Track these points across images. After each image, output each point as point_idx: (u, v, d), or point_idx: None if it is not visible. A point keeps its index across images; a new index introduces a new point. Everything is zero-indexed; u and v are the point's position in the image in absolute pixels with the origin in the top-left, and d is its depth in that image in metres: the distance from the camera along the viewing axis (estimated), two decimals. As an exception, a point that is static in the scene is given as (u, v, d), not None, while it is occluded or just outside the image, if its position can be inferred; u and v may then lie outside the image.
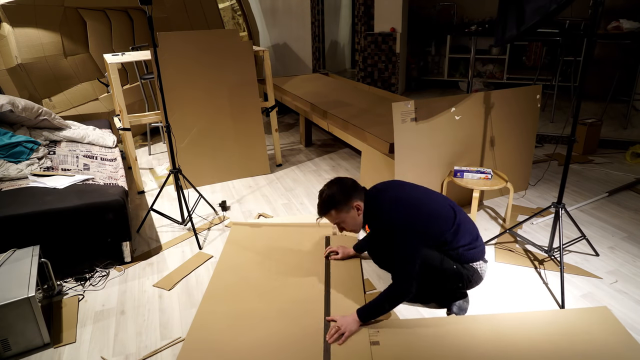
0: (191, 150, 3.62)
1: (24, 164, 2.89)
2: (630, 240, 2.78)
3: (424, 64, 7.10)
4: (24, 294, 1.94)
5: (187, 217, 3.00)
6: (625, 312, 2.16)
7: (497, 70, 6.59)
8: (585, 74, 2.17)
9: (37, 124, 3.36)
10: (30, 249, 2.29)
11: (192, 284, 2.48)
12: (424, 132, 2.90)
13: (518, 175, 3.39)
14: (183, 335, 2.10)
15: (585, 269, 2.51)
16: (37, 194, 2.54)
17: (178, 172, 2.94)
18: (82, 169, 3.04)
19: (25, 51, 4.00)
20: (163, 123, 2.85)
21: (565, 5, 2.10)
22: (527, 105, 3.19)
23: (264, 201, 3.45)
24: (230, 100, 3.68)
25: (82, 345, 2.06)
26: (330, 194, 2.03)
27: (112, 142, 3.63)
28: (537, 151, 4.35)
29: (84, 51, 4.39)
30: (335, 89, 4.78)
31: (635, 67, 5.36)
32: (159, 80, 2.70)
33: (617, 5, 5.52)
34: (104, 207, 2.48)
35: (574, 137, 2.27)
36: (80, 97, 4.41)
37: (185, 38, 3.41)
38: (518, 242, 2.80)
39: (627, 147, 4.17)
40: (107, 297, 2.39)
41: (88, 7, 4.34)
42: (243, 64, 3.66)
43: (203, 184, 3.75)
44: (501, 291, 2.34)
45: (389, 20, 6.02)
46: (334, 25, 7.63)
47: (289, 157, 4.42)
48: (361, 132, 3.35)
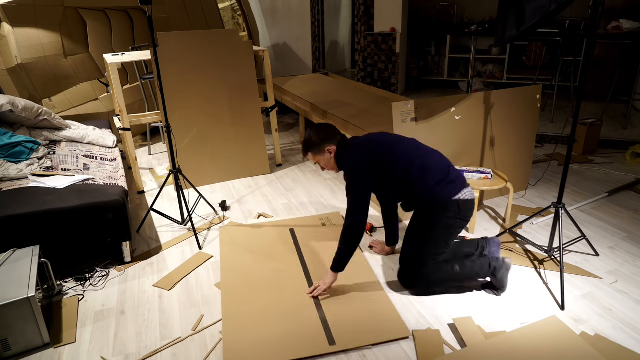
0: (191, 150, 3.62)
1: (24, 164, 2.89)
2: (630, 240, 2.78)
3: (424, 64, 7.10)
4: (24, 294, 1.94)
5: (187, 217, 3.00)
6: (625, 312, 2.16)
7: (497, 70, 6.59)
8: (585, 74, 2.17)
9: (37, 124, 3.36)
10: (30, 249, 2.29)
11: (192, 284, 2.48)
12: (424, 132, 2.90)
13: (518, 175, 3.39)
14: (183, 335, 2.10)
15: (585, 269, 2.51)
16: (37, 194, 2.54)
17: (178, 172, 2.94)
18: (82, 169, 3.04)
19: (25, 51, 4.00)
20: (163, 123, 2.85)
21: (565, 5, 2.10)
22: (527, 105, 3.18)
23: (263, 201, 3.45)
24: (230, 100, 3.68)
25: (82, 345, 2.06)
26: (307, 137, 2.29)
27: (112, 142, 3.63)
28: (537, 151, 4.35)
29: (84, 51, 4.39)
30: (335, 89, 4.78)
31: (635, 67, 5.36)
32: (159, 80, 2.70)
33: (617, 5, 5.52)
34: (104, 207, 2.48)
35: (574, 137, 2.27)
36: (80, 97, 4.41)
37: (185, 38, 3.41)
38: (518, 242, 2.80)
39: (627, 147, 4.17)
40: (107, 297, 2.39)
41: (88, 7, 4.34)
42: (243, 64, 3.66)
43: (203, 184, 3.75)
44: (501, 291, 2.34)
45: (389, 20, 6.02)
46: (334, 25, 7.63)
47: (289, 157, 4.42)
48: (361, 132, 3.35)
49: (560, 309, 2.19)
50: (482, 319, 2.14)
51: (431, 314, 2.19)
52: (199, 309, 2.28)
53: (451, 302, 2.26)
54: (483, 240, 2.45)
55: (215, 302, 2.33)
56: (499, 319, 2.14)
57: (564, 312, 2.18)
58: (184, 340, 2.07)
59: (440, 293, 2.31)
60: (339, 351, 1.96)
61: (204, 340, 2.07)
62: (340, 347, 1.96)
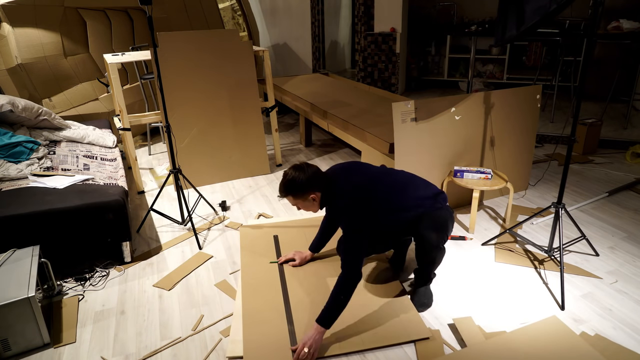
0: (191, 150, 3.62)
1: (24, 164, 2.89)
2: (630, 240, 2.78)
3: (424, 64, 7.09)
4: (24, 294, 1.94)
5: (187, 217, 3.00)
6: (626, 312, 2.16)
7: (497, 70, 6.59)
8: (585, 74, 2.17)
9: (37, 124, 3.36)
10: (30, 249, 2.29)
11: (192, 284, 2.48)
12: (424, 132, 2.90)
13: (518, 175, 3.39)
14: (183, 335, 2.10)
15: (585, 269, 2.51)
16: (37, 194, 2.54)
17: (178, 172, 2.94)
18: (82, 169, 3.04)
19: (25, 51, 4.00)
20: (163, 123, 2.85)
21: (566, 5, 2.10)
22: (527, 106, 3.18)
23: (263, 201, 3.45)
24: (230, 100, 3.68)
25: (82, 345, 2.06)
26: (291, 179, 2.11)
27: (112, 142, 3.63)
28: (537, 151, 4.35)
29: (84, 51, 4.39)
30: (335, 89, 4.78)
31: (635, 67, 5.36)
32: (159, 81, 2.70)
33: (617, 5, 5.52)
34: (104, 207, 2.48)
35: (574, 137, 2.27)
36: (80, 97, 4.41)
37: (185, 38, 3.41)
38: (518, 242, 2.80)
39: (627, 147, 4.17)
40: (107, 297, 2.39)
41: (88, 7, 4.34)
42: (243, 64, 3.66)
43: (203, 184, 3.75)
44: (501, 292, 2.34)
45: (389, 20, 6.02)
46: (334, 25, 7.63)
47: (289, 157, 4.42)
48: (361, 132, 3.35)
49: (560, 309, 2.19)
50: (482, 319, 2.14)
51: (431, 314, 2.19)
52: (199, 309, 2.28)
53: (451, 302, 2.26)
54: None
55: (215, 302, 2.33)
56: (499, 319, 2.14)
57: (564, 312, 2.18)
58: (184, 340, 2.07)
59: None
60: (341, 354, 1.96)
61: (203, 340, 2.07)
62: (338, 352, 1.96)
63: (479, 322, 2.12)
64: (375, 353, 1.96)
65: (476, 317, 2.15)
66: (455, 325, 2.08)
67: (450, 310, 2.21)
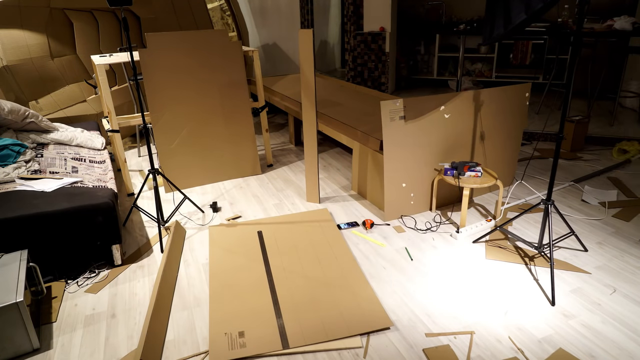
0: (181, 151, 3.60)
1: (10, 167, 2.85)
2: (617, 236, 2.82)
3: (413, 63, 7.13)
4: (12, 299, 1.91)
5: (169, 216, 3.02)
6: (614, 307, 2.19)
7: (486, 68, 6.64)
8: (572, 73, 2.19)
9: (24, 127, 3.32)
10: (19, 253, 2.26)
11: (184, 285, 2.47)
12: (413, 130, 2.91)
13: (506, 171, 3.42)
14: (174, 339, 2.08)
15: (574, 264, 2.54)
16: (25, 198, 2.50)
17: (156, 172, 2.92)
18: (70, 172, 3.00)
19: (11, 53, 3.94)
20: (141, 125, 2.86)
21: (552, 3, 2.13)
22: (516, 103, 3.21)
23: (255, 202, 3.44)
24: (220, 101, 3.67)
25: (73, 350, 2.03)
26: None
27: (100, 144, 3.59)
28: (525, 148, 4.39)
29: (71, 52, 4.34)
30: (325, 88, 4.78)
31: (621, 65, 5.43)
32: (135, 81, 2.70)
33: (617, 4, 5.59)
34: (93, 210, 2.46)
35: (562, 134, 2.29)
36: (68, 99, 4.36)
37: (174, 38, 3.39)
38: (509, 239, 2.82)
39: (614, 144, 4.22)
40: (97, 301, 2.36)
41: (75, 8, 4.29)
42: (232, 64, 3.64)
43: (194, 185, 3.73)
44: (492, 288, 2.36)
45: (378, 20, 6.03)
46: (323, 25, 7.63)
47: (279, 157, 4.41)
48: (352, 130, 3.36)
49: (551, 304, 2.22)
50: (471, 314, 2.15)
51: (424, 312, 2.20)
52: (190, 310, 2.27)
53: (443, 301, 2.27)
54: None
55: (207, 303, 2.31)
56: (490, 315, 2.15)
57: (554, 307, 2.20)
58: (176, 342, 2.06)
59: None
60: (334, 349, 1.96)
61: (196, 342, 2.06)
62: (302, 343, 1.97)
63: (466, 318, 2.13)
64: (369, 353, 1.96)
65: (464, 312, 2.17)
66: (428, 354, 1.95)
67: (442, 309, 2.22)
